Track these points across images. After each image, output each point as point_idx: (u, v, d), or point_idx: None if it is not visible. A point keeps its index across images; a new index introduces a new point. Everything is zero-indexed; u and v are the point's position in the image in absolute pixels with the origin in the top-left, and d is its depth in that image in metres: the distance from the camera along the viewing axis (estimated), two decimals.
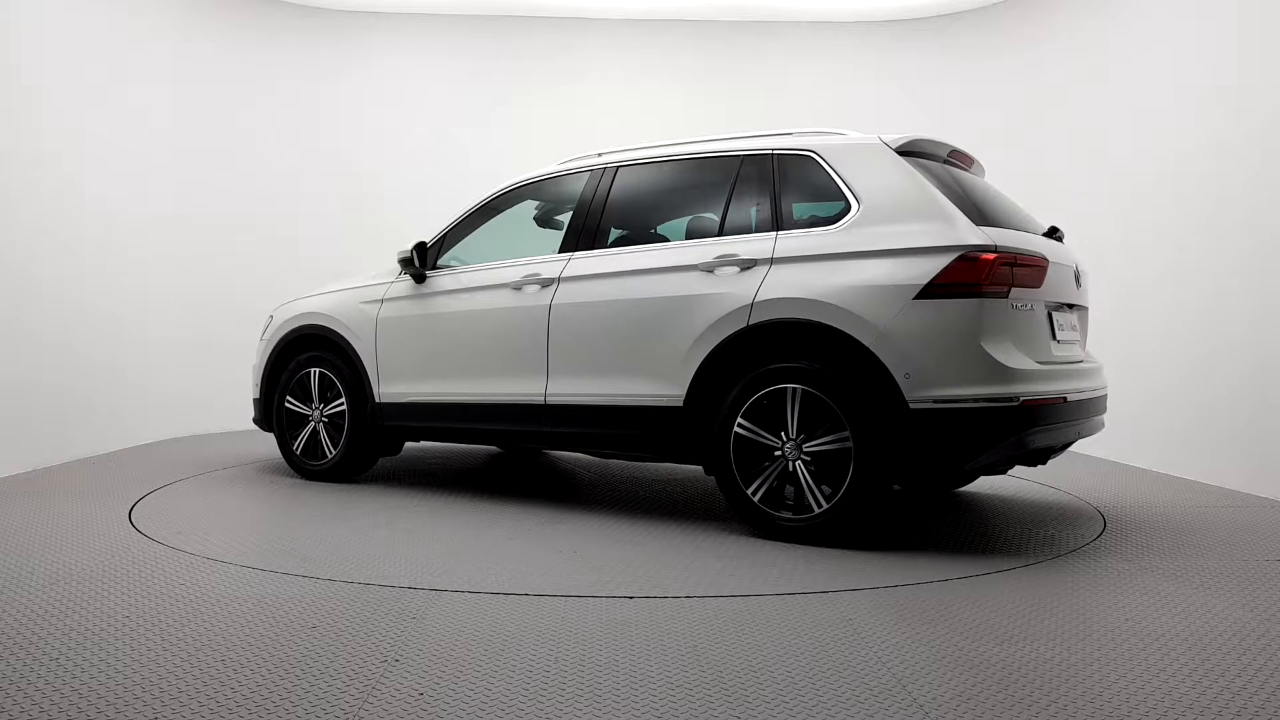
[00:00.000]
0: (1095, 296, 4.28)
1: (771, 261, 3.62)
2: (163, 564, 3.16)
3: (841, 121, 4.65)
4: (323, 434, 4.99)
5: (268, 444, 6.49)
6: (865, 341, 3.33)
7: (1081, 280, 3.85)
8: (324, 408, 4.98)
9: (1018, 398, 3.21)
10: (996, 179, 4.24)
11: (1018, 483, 4.91)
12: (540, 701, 1.99)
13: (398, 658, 2.25)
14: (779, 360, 3.54)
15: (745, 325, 3.59)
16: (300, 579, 2.97)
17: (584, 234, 4.23)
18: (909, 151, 3.67)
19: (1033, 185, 6.17)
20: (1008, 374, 3.22)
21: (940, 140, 3.88)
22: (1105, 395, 3.96)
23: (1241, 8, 5.03)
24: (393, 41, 7.80)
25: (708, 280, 3.74)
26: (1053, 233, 3.89)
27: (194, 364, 7.21)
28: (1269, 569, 3.18)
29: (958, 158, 3.94)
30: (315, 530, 3.88)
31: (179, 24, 7.15)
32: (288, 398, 5.12)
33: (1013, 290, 3.32)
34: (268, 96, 7.61)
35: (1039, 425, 3.29)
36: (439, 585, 2.90)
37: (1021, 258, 3.37)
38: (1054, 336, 3.58)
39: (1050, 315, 3.59)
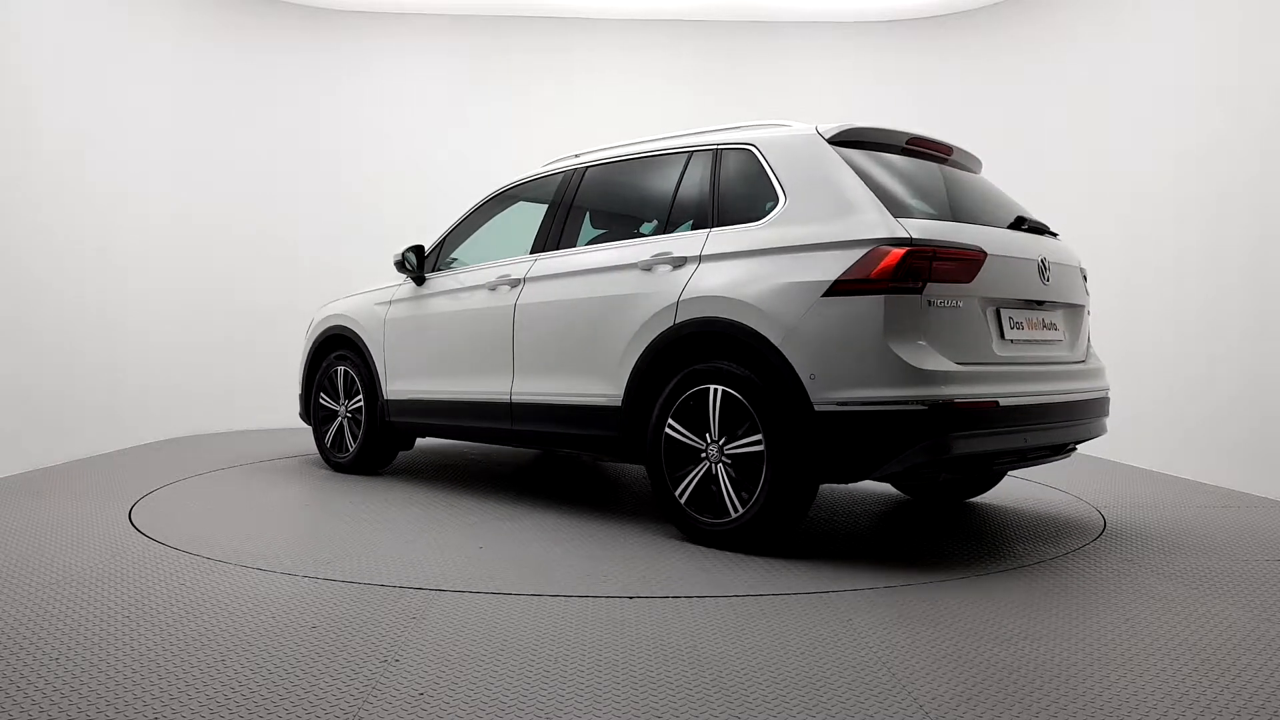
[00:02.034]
0: (1096, 296, 4.24)
1: (700, 259, 3.57)
2: (163, 564, 3.16)
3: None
4: (346, 429, 5.26)
5: (267, 443, 6.50)
6: (775, 341, 3.21)
7: (1050, 276, 3.51)
8: (348, 404, 5.25)
9: (927, 400, 3.01)
10: (996, 179, 4.23)
11: (1017, 483, 4.90)
12: (540, 701, 1.99)
13: (398, 658, 2.25)
14: (704, 360, 3.47)
15: (672, 324, 3.55)
16: (300, 579, 2.97)
17: (550, 234, 4.31)
18: (847, 141, 3.49)
19: (1033, 185, 6.16)
20: (915, 375, 3.00)
21: (894, 128, 3.67)
22: (1098, 399, 3.73)
23: (1241, 8, 5.03)
24: (392, 41, 7.80)
25: (644, 279, 3.72)
26: (1019, 224, 3.63)
27: (194, 364, 7.22)
28: (1269, 569, 3.18)
29: (925, 145, 3.73)
30: (316, 530, 3.88)
31: (179, 24, 7.15)
32: (321, 394, 5.43)
33: (930, 286, 3.09)
34: (267, 96, 7.61)
35: (958, 431, 3.03)
36: (439, 585, 2.90)
37: (942, 250, 3.13)
38: (1001, 335, 3.32)
39: (998, 312, 3.33)
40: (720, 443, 3.38)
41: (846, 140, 3.50)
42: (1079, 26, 6.51)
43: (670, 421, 3.52)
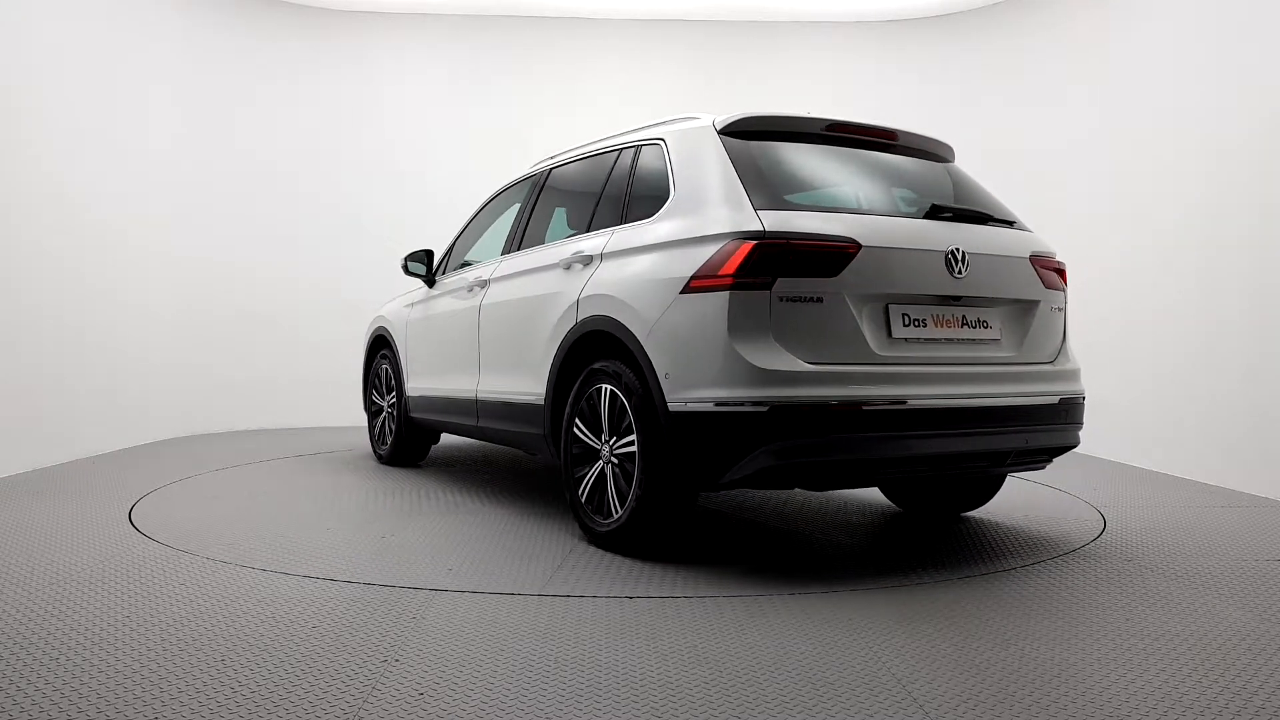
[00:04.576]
0: (1095, 296, 4.22)
1: (602, 257, 3.54)
2: (163, 564, 3.16)
3: None
4: (387, 424, 5.56)
5: (267, 443, 6.50)
6: (640, 339, 3.15)
7: (966, 269, 3.15)
8: (389, 399, 5.53)
9: (768, 401, 2.82)
10: (995, 180, 4.22)
11: (1018, 483, 4.90)
12: (540, 701, 1.99)
13: (398, 658, 2.25)
14: (603, 359, 3.42)
15: (575, 322, 3.54)
16: (300, 579, 2.97)
17: (515, 236, 4.42)
18: (743, 132, 3.31)
19: (1032, 185, 6.17)
20: (758, 376, 2.83)
21: (808, 115, 3.46)
22: (1048, 405, 3.31)
23: (1241, 8, 5.03)
24: (392, 41, 7.80)
25: (563, 278, 3.73)
26: (936, 213, 3.29)
27: (194, 364, 7.22)
28: (1269, 569, 3.18)
29: (852, 132, 3.48)
30: (316, 530, 3.87)
31: (180, 24, 7.16)
32: (373, 391, 5.74)
33: (781, 281, 2.89)
34: (268, 96, 7.62)
35: (811, 435, 2.84)
36: (438, 585, 2.90)
37: (798, 243, 2.92)
38: (888, 333, 3.04)
39: (886, 308, 3.05)
40: (611, 443, 3.34)
41: (742, 131, 3.32)
42: (1078, 26, 6.51)
43: (576, 421, 3.51)
